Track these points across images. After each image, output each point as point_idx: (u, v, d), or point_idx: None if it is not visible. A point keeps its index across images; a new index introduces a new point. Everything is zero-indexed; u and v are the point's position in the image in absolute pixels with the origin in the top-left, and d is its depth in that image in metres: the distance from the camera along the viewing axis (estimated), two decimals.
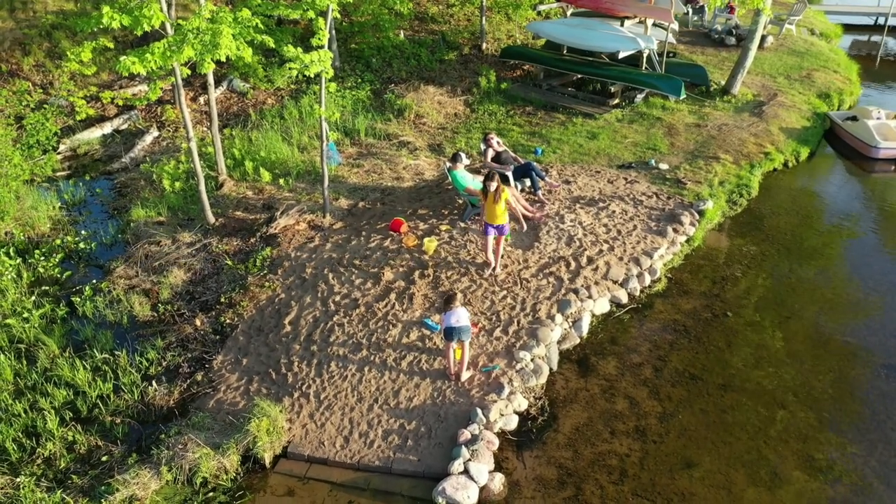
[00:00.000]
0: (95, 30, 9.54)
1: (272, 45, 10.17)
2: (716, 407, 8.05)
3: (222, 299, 9.61)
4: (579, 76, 17.10)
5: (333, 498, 6.95)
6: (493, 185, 9.28)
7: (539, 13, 20.49)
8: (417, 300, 9.23)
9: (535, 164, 11.86)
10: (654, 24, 16.10)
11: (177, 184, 12.40)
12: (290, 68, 9.56)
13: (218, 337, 9.04)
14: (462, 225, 10.87)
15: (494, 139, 12.50)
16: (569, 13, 17.71)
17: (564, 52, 17.26)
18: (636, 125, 15.05)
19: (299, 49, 9.68)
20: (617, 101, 16.16)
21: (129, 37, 16.57)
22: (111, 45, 10.81)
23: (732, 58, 17.66)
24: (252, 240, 10.87)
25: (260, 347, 8.74)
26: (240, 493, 6.98)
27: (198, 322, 9.23)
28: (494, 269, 9.72)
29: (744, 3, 14.70)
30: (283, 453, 7.36)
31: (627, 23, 16.00)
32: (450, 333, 7.73)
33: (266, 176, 12.61)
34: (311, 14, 10.06)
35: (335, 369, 8.22)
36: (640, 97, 16.08)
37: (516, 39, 19.70)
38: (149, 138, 14.71)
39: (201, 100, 16.20)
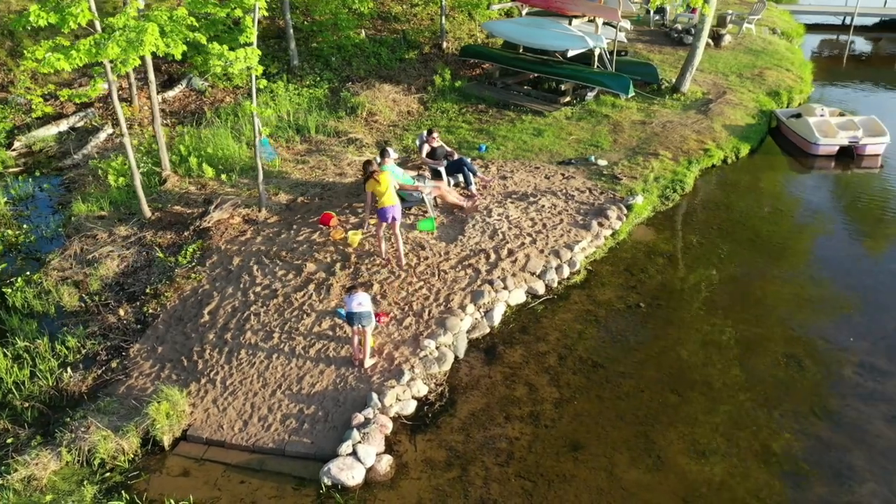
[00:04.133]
0: (37, 26, 9.79)
1: (204, 41, 10.44)
2: (612, 394, 8.28)
3: (148, 290, 9.87)
4: (536, 75, 17.34)
5: (227, 478, 7.20)
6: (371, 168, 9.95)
7: (500, 12, 20.72)
8: (335, 290, 9.47)
9: (467, 159, 12.11)
10: (605, 23, 16.34)
11: (121, 179, 12.65)
12: (213, 65, 9.83)
13: (139, 326, 9.30)
14: None
15: (436, 135, 12.71)
16: (524, 12, 17.97)
17: (521, 51, 17.52)
18: (583, 122, 15.29)
19: (225, 46, 9.95)
20: (568, 98, 16.39)
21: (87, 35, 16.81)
22: (67, 44, 11.07)
23: None
24: (186, 233, 11.13)
25: (177, 336, 9.00)
26: (136, 473, 7.23)
27: (121, 312, 9.50)
28: (389, 261, 9.99)
29: (686, 1, 14.94)
30: (182, 436, 7.62)
31: (577, 22, 16.24)
32: (351, 318, 7.98)
33: (209, 172, 12.87)
34: (238, 12, 10.34)
35: (244, 357, 8.47)
36: (590, 95, 16.31)
37: (477, 38, 19.95)
38: (102, 135, 14.99)
39: (159, 98, 16.46)
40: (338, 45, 18.55)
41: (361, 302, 7.99)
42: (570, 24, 16.08)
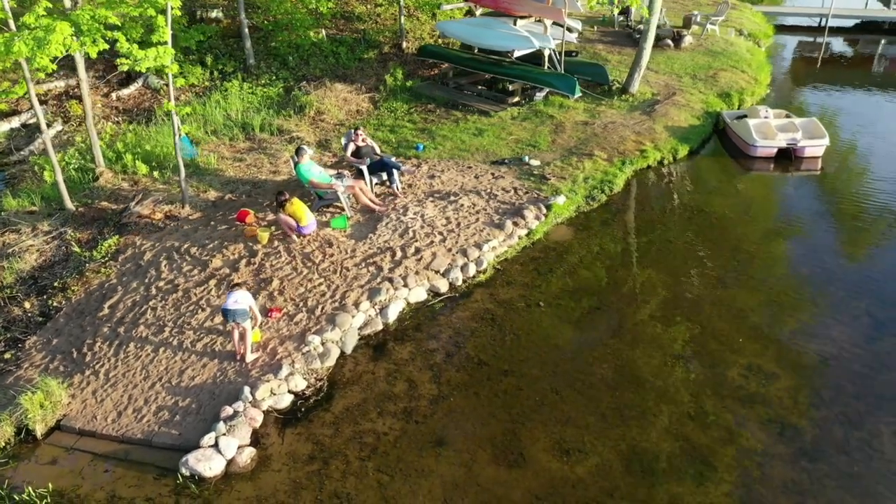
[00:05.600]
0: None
1: (123, 40, 10.61)
2: (490, 391, 8.34)
3: (56, 283, 10.07)
4: (489, 75, 17.37)
5: (92, 467, 7.36)
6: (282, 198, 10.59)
7: (454, 11, 20.72)
8: None
9: (391, 158, 12.21)
10: (555, 24, 16.35)
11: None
12: (120, 63, 10.00)
13: (42, 319, 9.49)
14: None
15: (361, 134, 12.83)
16: (478, 12, 18.03)
17: (476, 51, 17.57)
18: (527, 122, 15.32)
19: (135, 45, 10.13)
20: (517, 99, 16.43)
21: None
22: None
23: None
24: (106, 229, 11.32)
25: (73, 329, 9.17)
26: (4, 461, 7.40)
27: (27, 304, 9.69)
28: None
29: (623, 1, 14.90)
30: (57, 426, 7.78)
31: (523, 22, 16.29)
32: (225, 314, 8.12)
33: (142, 168, 13.06)
34: (151, 11, 10.48)
35: (132, 350, 8.63)
36: (539, 95, 16.32)
37: (438, 39, 20.01)
38: (51, 132, 15.23)
39: (113, 95, 16.74)
40: (296, 44, 18.70)
41: (238, 300, 8.12)
42: (514, 24, 16.12)
